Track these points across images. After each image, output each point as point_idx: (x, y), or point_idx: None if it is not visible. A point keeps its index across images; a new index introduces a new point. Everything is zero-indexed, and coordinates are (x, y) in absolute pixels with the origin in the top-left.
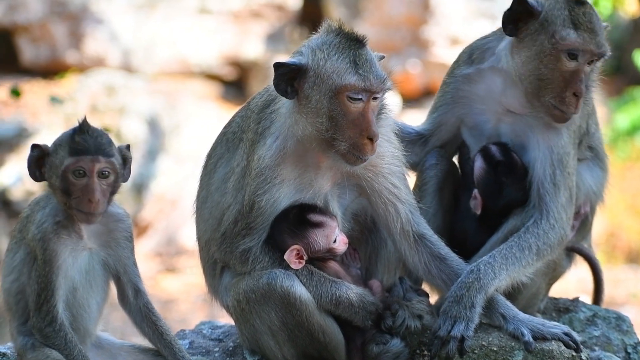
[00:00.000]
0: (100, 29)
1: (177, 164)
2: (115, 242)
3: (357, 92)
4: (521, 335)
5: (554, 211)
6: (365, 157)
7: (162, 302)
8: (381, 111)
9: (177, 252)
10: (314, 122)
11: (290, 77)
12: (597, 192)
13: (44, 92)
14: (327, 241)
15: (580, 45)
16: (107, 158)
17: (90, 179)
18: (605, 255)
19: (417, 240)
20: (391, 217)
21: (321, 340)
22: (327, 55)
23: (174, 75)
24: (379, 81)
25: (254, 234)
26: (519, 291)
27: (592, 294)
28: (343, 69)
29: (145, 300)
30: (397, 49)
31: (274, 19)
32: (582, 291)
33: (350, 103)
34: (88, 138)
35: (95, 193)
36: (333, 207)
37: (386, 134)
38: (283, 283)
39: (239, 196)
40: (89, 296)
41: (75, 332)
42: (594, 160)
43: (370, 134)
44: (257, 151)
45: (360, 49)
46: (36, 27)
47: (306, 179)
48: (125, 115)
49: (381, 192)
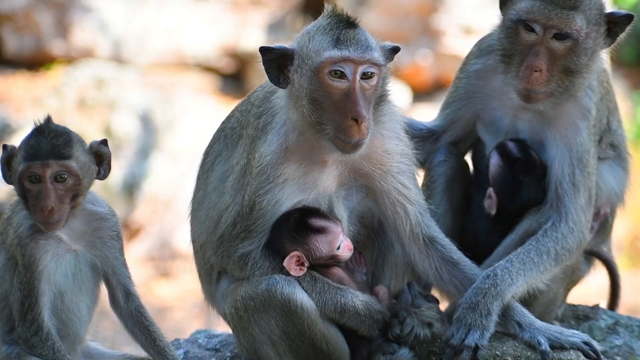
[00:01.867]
0: (88, 18)
1: (172, 162)
2: (101, 242)
3: (334, 64)
4: (538, 344)
5: (573, 214)
6: (353, 140)
7: (156, 310)
8: (382, 98)
9: (172, 256)
10: (299, 106)
11: (280, 63)
12: (619, 194)
13: (29, 85)
14: (330, 248)
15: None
16: (60, 161)
17: (43, 184)
18: (629, 260)
19: (428, 243)
20: (400, 219)
21: (324, 350)
22: (312, 37)
23: (168, 67)
24: (360, 50)
25: (254, 237)
26: (535, 297)
27: (608, 299)
28: (323, 47)
29: (137, 303)
30: (407, 39)
31: (275, 7)
32: (602, 297)
33: (332, 81)
34: (42, 140)
35: (47, 200)
36: (338, 209)
37: (394, 129)
38: (284, 289)
39: (239, 197)
40: (79, 300)
41: (65, 338)
42: (616, 159)
43: (354, 114)
44: (258, 148)
45: (348, 28)
46: (20, 15)
47: (310, 178)
48: (116, 109)
49: (390, 192)
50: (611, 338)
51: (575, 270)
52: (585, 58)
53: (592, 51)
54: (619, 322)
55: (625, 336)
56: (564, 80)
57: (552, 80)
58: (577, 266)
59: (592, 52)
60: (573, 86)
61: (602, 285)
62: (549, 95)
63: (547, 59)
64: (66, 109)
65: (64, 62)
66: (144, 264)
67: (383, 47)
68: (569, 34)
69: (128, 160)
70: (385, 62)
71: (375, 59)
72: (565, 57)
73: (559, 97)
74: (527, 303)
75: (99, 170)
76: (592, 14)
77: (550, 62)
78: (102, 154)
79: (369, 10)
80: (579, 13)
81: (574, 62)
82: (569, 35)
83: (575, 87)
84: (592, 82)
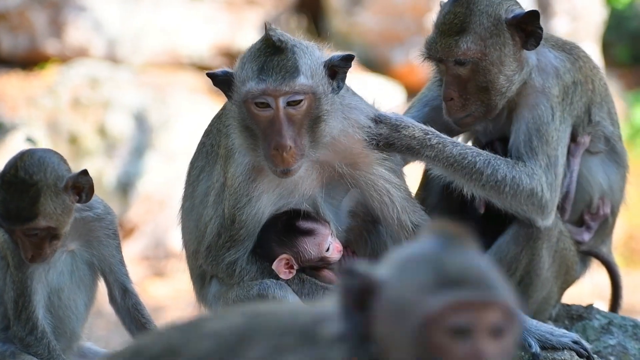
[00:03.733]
0: (83, 17)
1: (166, 161)
2: (97, 241)
3: (255, 96)
4: (528, 346)
5: (532, 168)
6: (278, 169)
7: (151, 309)
8: (319, 119)
9: (166, 255)
10: (237, 131)
11: (228, 87)
12: (614, 190)
13: (23, 85)
14: (319, 250)
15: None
16: (27, 224)
17: (22, 240)
18: (623, 260)
19: (415, 231)
20: (387, 208)
21: None
22: (244, 64)
23: (163, 67)
24: (280, 80)
25: (239, 246)
26: (529, 296)
27: (609, 301)
28: (248, 76)
29: (134, 300)
30: (401, 39)
31: (270, 6)
32: (596, 297)
33: (257, 111)
34: (10, 201)
35: (27, 253)
36: (324, 211)
37: (359, 122)
38: (275, 294)
39: (219, 209)
40: (76, 297)
41: (62, 335)
42: (610, 154)
43: (275, 144)
44: (229, 169)
45: (274, 54)
46: (14, 14)
47: (287, 186)
48: (110, 109)
49: (374, 182)
50: (605, 338)
51: (569, 270)
52: (495, 70)
53: (501, 61)
54: (612, 322)
55: (619, 336)
56: (482, 98)
57: (469, 103)
58: (571, 266)
59: (501, 62)
60: (494, 99)
61: (596, 285)
62: (474, 118)
63: (455, 85)
64: (60, 108)
65: (58, 62)
66: (139, 263)
67: (321, 66)
68: (462, 60)
69: (122, 159)
70: (322, 83)
71: (298, 87)
72: (472, 78)
73: (488, 112)
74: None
75: (81, 197)
76: (486, 28)
77: (461, 87)
78: (81, 186)
79: (364, 10)
80: (466, 35)
81: (483, 80)
82: (463, 61)
83: (496, 99)
84: (548, 64)
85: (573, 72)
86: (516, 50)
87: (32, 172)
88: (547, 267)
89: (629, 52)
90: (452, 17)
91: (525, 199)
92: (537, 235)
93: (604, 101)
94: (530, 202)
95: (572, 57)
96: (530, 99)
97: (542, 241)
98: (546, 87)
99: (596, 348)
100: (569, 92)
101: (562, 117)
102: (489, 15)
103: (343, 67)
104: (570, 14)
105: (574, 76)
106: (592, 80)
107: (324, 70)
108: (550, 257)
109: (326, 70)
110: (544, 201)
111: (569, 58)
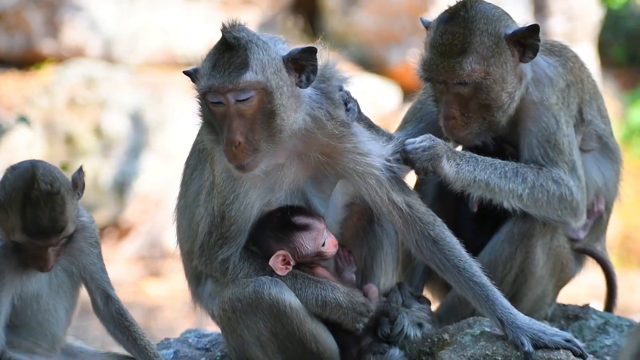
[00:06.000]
0: (79, 17)
1: (162, 161)
2: (79, 251)
3: (205, 93)
4: (521, 345)
5: (557, 174)
6: (232, 163)
7: (146, 309)
8: (272, 114)
9: (162, 255)
10: (203, 128)
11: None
12: (609, 187)
13: (19, 85)
14: (315, 244)
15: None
16: (62, 235)
17: (41, 251)
18: (619, 259)
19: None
20: (374, 190)
21: (314, 350)
22: (204, 60)
23: (159, 67)
24: (227, 77)
25: (231, 243)
26: (523, 294)
27: (604, 300)
28: (203, 74)
29: (117, 306)
30: (397, 39)
31: (266, 6)
32: (593, 297)
33: (212, 106)
34: (40, 216)
35: (48, 263)
36: (315, 205)
37: (329, 111)
38: (271, 291)
39: (209, 208)
40: (56, 302)
41: (43, 337)
42: (603, 151)
43: (226, 140)
44: (215, 167)
45: (226, 52)
46: (10, 14)
47: (273, 179)
48: (107, 109)
49: (355, 168)
50: (601, 338)
51: (564, 267)
52: (498, 87)
53: (503, 78)
54: (608, 321)
55: (615, 336)
56: (484, 115)
57: (471, 121)
58: (566, 264)
59: (503, 79)
60: (496, 116)
61: (592, 285)
62: (476, 134)
63: (457, 104)
64: (56, 108)
65: (55, 62)
66: (134, 263)
67: (277, 61)
68: (465, 81)
69: (118, 159)
70: (276, 78)
71: (243, 84)
72: (475, 97)
73: (490, 129)
74: (515, 300)
75: (78, 195)
76: (487, 47)
77: (462, 106)
78: (77, 184)
79: (360, 9)
80: (468, 56)
81: (485, 98)
82: (466, 82)
83: (499, 115)
84: (542, 74)
85: (565, 75)
86: (515, 65)
87: (50, 181)
88: (542, 264)
89: (625, 52)
90: (450, 37)
91: (557, 203)
92: (532, 233)
93: (592, 99)
94: (562, 206)
95: (562, 59)
96: (531, 113)
97: (536, 239)
98: (544, 98)
99: (592, 348)
100: (565, 95)
101: (566, 121)
102: (489, 34)
103: (308, 60)
104: (566, 14)
105: (566, 79)
106: (581, 79)
107: (282, 65)
108: (545, 255)
109: (287, 64)
110: (574, 204)
111: (559, 61)
